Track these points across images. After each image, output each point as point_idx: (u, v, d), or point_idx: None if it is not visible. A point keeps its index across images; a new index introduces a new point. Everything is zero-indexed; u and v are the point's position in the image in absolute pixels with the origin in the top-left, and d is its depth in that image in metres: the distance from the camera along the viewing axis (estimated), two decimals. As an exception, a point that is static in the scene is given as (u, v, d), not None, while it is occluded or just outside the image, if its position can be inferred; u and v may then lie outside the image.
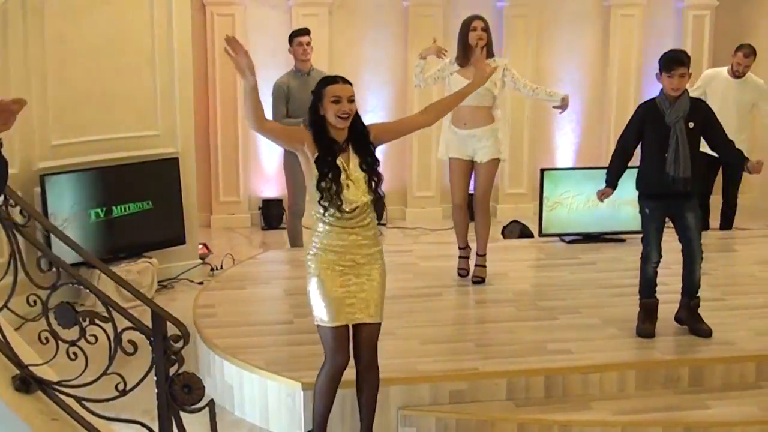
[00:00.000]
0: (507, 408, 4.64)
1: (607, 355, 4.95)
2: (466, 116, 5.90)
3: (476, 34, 5.86)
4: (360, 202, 3.97)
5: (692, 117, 5.08)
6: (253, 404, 4.83)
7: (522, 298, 5.88)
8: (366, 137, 4.06)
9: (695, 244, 5.19)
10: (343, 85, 3.98)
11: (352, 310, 4.03)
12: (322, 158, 3.96)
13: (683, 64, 5.04)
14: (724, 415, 4.59)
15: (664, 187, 5.11)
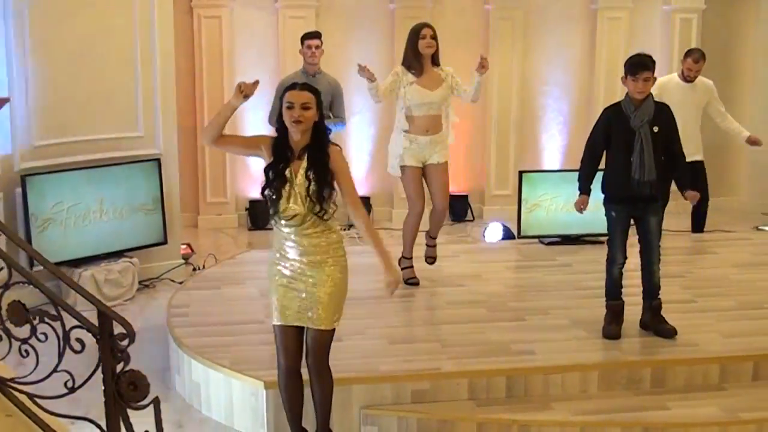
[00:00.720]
0: (468, 408, 4.69)
1: (570, 356, 5.00)
2: (428, 124, 5.99)
3: (425, 41, 5.92)
4: (297, 212, 4.01)
5: (657, 121, 5.12)
6: (219, 402, 4.89)
7: (493, 300, 5.93)
8: (323, 148, 4.07)
9: (654, 247, 5.23)
10: (299, 92, 4.01)
11: (293, 314, 4.10)
12: (273, 165, 4.02)
13: (648, 68, 5.08)
14: (684, 416, 4.63)
15: (629, 190, 5.15)
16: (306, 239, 4.08)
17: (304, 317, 4.12)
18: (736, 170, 10.28)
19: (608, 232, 5.35)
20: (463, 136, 9.64)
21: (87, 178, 6.87)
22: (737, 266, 6.77)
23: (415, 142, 6.01)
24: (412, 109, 5.97)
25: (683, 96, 7.41)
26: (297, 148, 4.04)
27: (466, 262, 6.87)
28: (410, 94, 5.93)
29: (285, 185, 4.01)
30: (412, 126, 5.98)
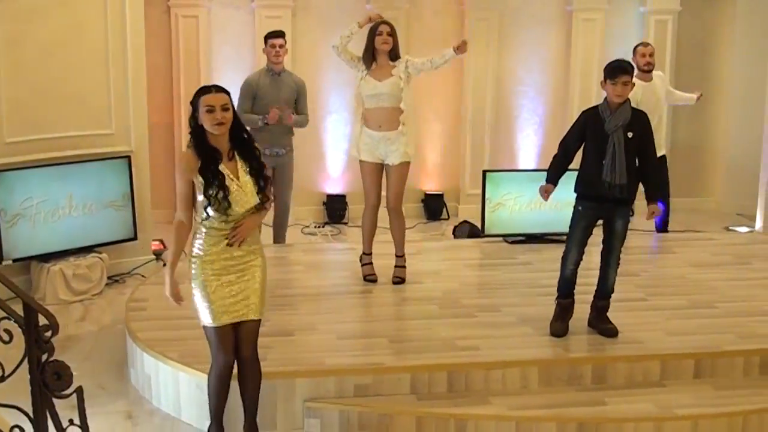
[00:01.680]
0: (408, 402, 4.78)
1: (512, 353, 5.08)
2: (382, 118, 6.05)
3: (382, 38, 6.02)
4: (249, 205, 4.12)
5: (632, 127, 5.17)
6: (168, 395, 5.00)
7: (448, 297, 6.02)
8: (251, 144, 4.19)
9: (615, 251, 5.31)
10: (216, 94, 4.08)
11: (234, 309, 4.19)
12: (205, 166, 4.07)
13: (626, 73, 5.14)
14: (619, 411, 4.72)
15: (599, 191, 5.21)
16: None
17: (244, 310, 4.21)
18: (712, 171, 10.37)
19: (570, 227, 5.39)
20: (438, 135, 9.80)
21: (57, 174, 6.99)
22: (695, 266, 6.85)
23: (369, 137, 6.09)
24: (365, 100, 6.08)
25: (645, 96, 7.48)
26: (223, 149, 4.12)
27: (428, 260, 6.96)
28: (363, 85, 6.05)
29: (225, 181, 4.10)
30: (367, 118, 6.09)
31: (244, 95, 7.15)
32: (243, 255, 4.20)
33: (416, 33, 9.52)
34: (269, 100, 7.12)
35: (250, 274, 4.22)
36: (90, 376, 5.52)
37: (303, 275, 6.59)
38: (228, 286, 4.18)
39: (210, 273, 4.17)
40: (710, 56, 10.09)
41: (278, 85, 7.18)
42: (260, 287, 4.26)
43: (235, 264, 4.19)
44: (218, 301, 4.16)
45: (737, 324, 5.58)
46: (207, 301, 4.17)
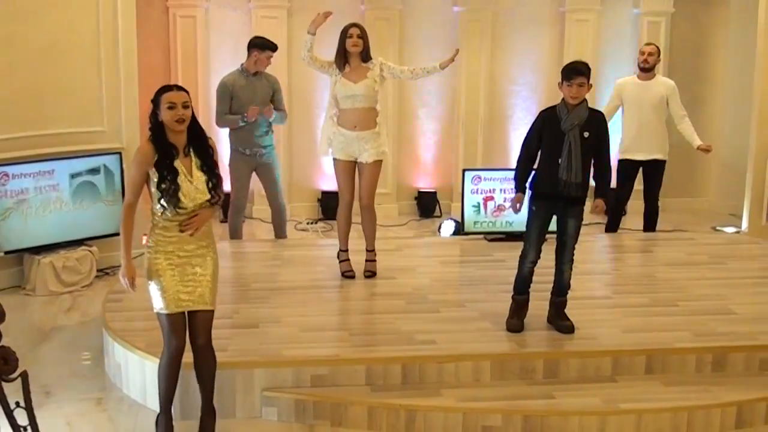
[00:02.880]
0: (362, 392, 4.95)
1: (467, 346, 5.24)
2: (357, 119, 6.22)
3: (352, 40, 6.19)
4: (200, 201, 4.33)
5: (588, 127, 5.31)
6: (135, 382, 5.21)
7: (417, 292, 6.18)
8: (204, 141, 4.40)
9: (568, 249, 5.45)
10: (178, 92, 4.31)
11: (186, 298, 4.40)
12: (161, 161, 4.30)
13: (582, 74, 5.28)
14: (565, 405, 4.86)
15: (554, 189, 5.35)
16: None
17: (196, 301, 4.42)
18: (705, 171, 10.42)
19: (526, 228, 5.55)
20: (432, 134, 9.96)
21: (49, 169, 7.23)
22: (668, 265, 6.96)
23: (343, 135, 6.26)
24: (339, 102, 6.25)
25: (640, 94, 7.64)
26: (179, 145, 4.34)
27: (405, 256, 7.13)
28: (338, 87, 6.22)
29: (178, 177, 4.31)
30: (341, 118, 6.26)
31: (221, 97, 7.38)
32: (195, 248, 4.42)
33: (409, 34, 9.68)
34: (246, 100, 7.33)
35: (201, 267, 4.44)
36: (68, 364, 5.77)
37: (279, 270, 6.78)
38: (180, 276, 4.40)
39: (164, 263, 4.40)
40: (704, 58, 10.15)
41: (254, 86, 7.39)
42: (212, 279, 4.47)
43: (187, 256, 4.41)
44: (171, 289, 4.39)
45: (696, 322, 5.69)
46: (160, 290, 4.40)
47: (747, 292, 6.27)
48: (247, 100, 7.38)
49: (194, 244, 4.41)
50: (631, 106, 7.67)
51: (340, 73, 6.24)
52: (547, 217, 5.43)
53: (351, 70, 6.26)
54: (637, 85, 7.70)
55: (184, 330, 4.46)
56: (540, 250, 5.46)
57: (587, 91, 5.28)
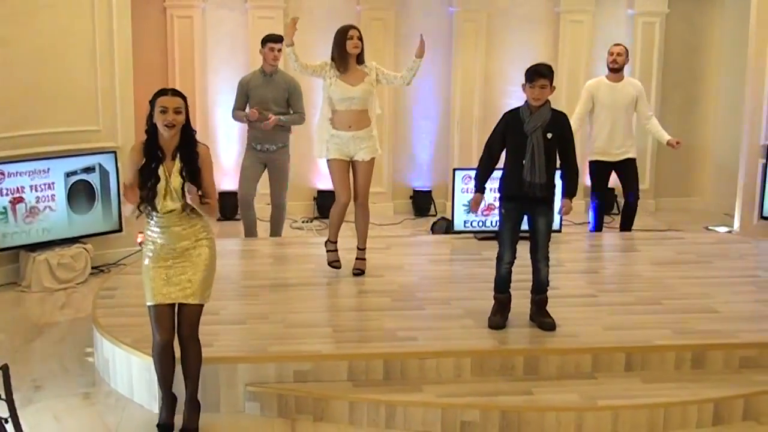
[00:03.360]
0: (344, 388, 5.04)
1: (448, 343, 5.32)
2: (352, 120, 6.30)
3: (353, 42, 6.25)
4: (174, 208, 4.47)
5: (551, 128, 5.41)
6: (122, 377, 5.30)
7: (403, 290, 6.26)
8: (193, 148, 4.50)
9: (542, 247, 5.52)
10: (172, 97, 4.44)
11: (169, 291, 4.51)
12: (146, 166, 4.44)
13: (543, 76, 5.38)
14: (543, 401, 4.93)
15: (520, 190, 5.44)
16: (177, 228, 4.53)
17: (179, 294, 4.52)
18: (700, 171, 10.47)
19: (498, 230, 5.65)
20: (427, 133, 10.03)
21: (45, 168, 7.34)
22: (655, 264, 7.01)
23: (338, 136, 6.34)
24: (335, 104, 6.33)
25: (612, 95, 7.70)
26: (168, 149, 4.46)
27: (395, 254, 7.21)
28: (333, 89, 6.29)
29: (159, 183, 4.43)
30: (336, 120, 6.33)
31: (238, 94, 7.70)
32: (187, 244, 4.56)
33: (405, 34, 9.74)
34: (259, 99, 7.52)
35: (190, 262, 4.55)
36: (58, 359, 5.87)
37: (270, 267, 6.88)
38: (166, 270, 4.53)
39: (152, 257, 4.55)
40: (698, 58, 10.20)
41: (269, 85, 7.54)
42: (202, 275, 4.58)
43: (177, 251, 4.54)
44: (156, 281, 4.53)
45: (677, 320, 5.75)
46: (147, 282, 4.55)
47: (731, 291, 6.33)
48: (259, 98, 7.58)
49: (181, 242, 4.51)
50: (603, 108, 7.72)
51: (336, 75, 6.30)
52: (518, 218, 5.51)
53: (349, 73, 6.32)
54: (608, 86, 7.74)
55: (168, 322, 4.58)
56: (515, 251, 5.53)
57: (549, 93, 5.38)
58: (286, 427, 4.90)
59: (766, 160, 8.55)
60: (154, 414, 4.99)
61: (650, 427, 4.90)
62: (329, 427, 4.90)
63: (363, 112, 6.32)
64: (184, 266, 4.53)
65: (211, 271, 4.63)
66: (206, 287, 4.61)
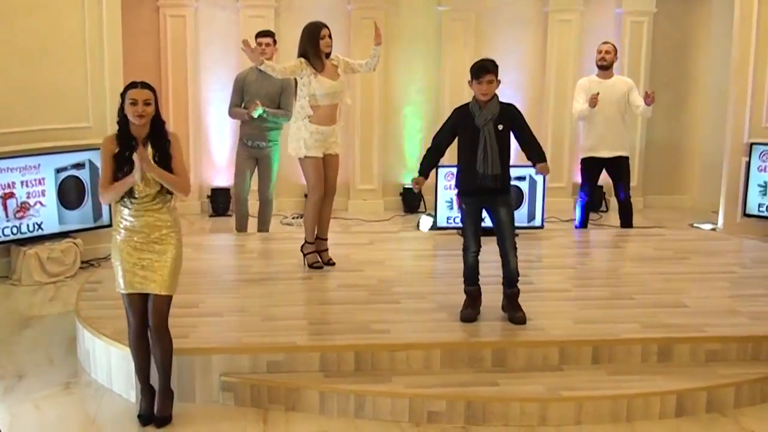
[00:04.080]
0: (316, 378, 5.17)
1: (419, 336, 5.45)
2: (332, 114, 6.46)
3: (325, 41, 6.40)
4: (148, 192, 4.59)
5: (501, 120, 5.55)
6: (102, 367, 5.45)
7: (381, 284, 6.39)
8: (164, 137, 4.66)
9: (507, 237, 5.65)
10: (141, 90, 4.59)
11: (138, 281, 4.67)
12: (121, 153, 4.59)
13: (489, 72, 5.52)
14: (508, 392, 5.05)
15: (476, 183, 5.58)
16: (151, 216, 4.68)
17: (149, 284, 4.67)
18: (689, 169, 10.58)
19: (461, 223, 5.78)
20: (417, 131, 10.16)
21: (36, 164, 7.50)
22: (633, 260, 7.13)
23: (320, 132, 6.49)
24: (318, 99, 6.45)
25: (603, 93, 7.80)
26: (140, 136, 4.60)
27: (377, 249, 7.34)
28: (315, 85, 6.42)
29: (132, 171, 4.57)
30: (316, 115, 6.46)
31: (234, 90, 7.88)
32: (157, 236, 4.69)
33: (395, 32, 9.89)
34: (253, 94, 7.69)
35: (158, 254, 4.70)
36: (43, 350, 6.03)
37: (253, 261, 7.03)
38: (136, 259, 4.69)
39: (123, 245, 4.72)
40: (686, 57, 10.30)
41: (263, 81, 7.67)
42: (170, 266, 4.72)
43: (146, 242, 4.69)
44: (127, 270, 4.70)
45: (647, 314, 5.86)
46: (119, 270, 4.73)
47: (703, 287, 6.44)
48: (254, 94, 7.74)
49: (154, 231, 4.67)
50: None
51: (314, 73, 6.43)
52: (478, 210, 5.66)
53: (326, 69, 6.46)
54: (599, 84, 7.87)
55: (140, 310, 4.75)
56: (479, 241, 5.68)
57: (496, 87, 5.51)
58: (259, 416, 5.03)
59: (749, 159, 8.64)
60: (131, 403, 5.14)
61: (613, 418, 5.01)
62: (300, 417, 5.03)
63: (337, 105, 6.49)
64: (152, 257, 4.68)
65: (178, 263, 4.77)
66: (174, 279, 4.75)
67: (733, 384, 5.23)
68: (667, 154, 10.46)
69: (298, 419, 5.01)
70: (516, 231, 7.40)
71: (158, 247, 4.70)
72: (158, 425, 4.86)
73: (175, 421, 4.91)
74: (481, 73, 5.45)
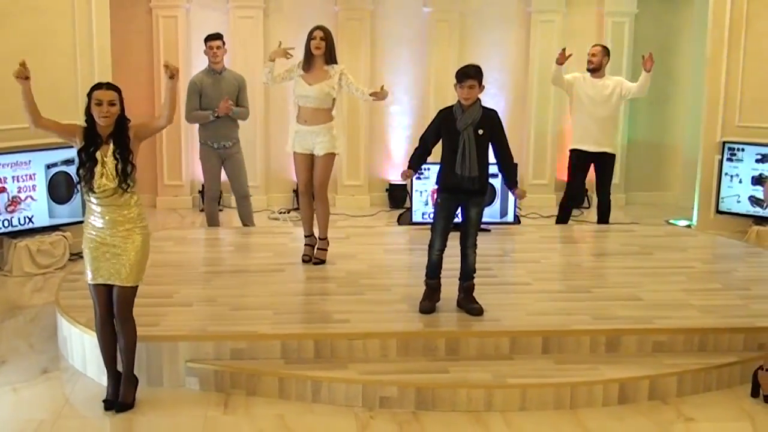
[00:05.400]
0: (276, 365, 5.46)
1: (377, 325, 5.72)
2: (307, 115, 6.73)
3: (315, 42, 6.66)
4: (108, 187, 4.88)
5: (482, 125, 5.80)
6: (77, 354, 5.76)
7: (350, 277, 6.67)
8: (125, 133, 4.95)
9: (470, 235, 5.92)
10: (105, 91, 4.89)
11: (104, 272, 4.96)
12: (85, 149, 4.89)
13: (471, 77, 5.77)
14: (456, 379, 5.31)
15: (454, 183, 5.84)
16: (115, 210, 4.97)
17: (113, 276, 4.97)
18: (671, 166, 10.78)
19: (432, 219, 6.05)
20: (404, 128, 10.42)
21: (27, 160, 7.83)
22: (597, 255, 7.39)
23: (299, 131, 6.80)
24: (297, 99, 6.77)
25: (591, 89, 8.09)
26: (105, 134, 4.90)
27: (353, 243, 7.61)
28: (295, 85, 6.73)
29: (96, 165, 4.88)
30: (298, 115, 6.80)
31: (190, 94, 7.97)
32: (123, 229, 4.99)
33: (381, 33, 10.16)
34: (213, 96, 7.87)
35: (123, 248, 4.98)
36: (25, 337, 6.34)
37: (230, 255, 7.32)
38: (102, 252, 4.98)
39: (89, 238, 5.02)
40: (669, 57, 10.48)
41: (220, 83, 7.91)
42: (135, 260, 5.01)
43: (112, 235, 4.98)
44: (93, 262, 4.99)
45: (599, 307, 6.11)
46: (86, 262, 5.02)
47: (660, 281, 6.67)
48: (214, 96, 7.93)
49: (117, 226, 4.96)
50: (582, 100, 8.12)
51: (300, 74, 6.71)
52: (452, 209, 5.90)
53: (311, 72, 6.72)
54: (588, 80, 8.14)
55: (106, 300, 5.04)
56: (446, 240, 5.92)
57: (479, 93, 5.76)
58: (221, 400, 5.32)
59: (721, 157, 8.85)
60: (103, 387, 5.41)
61: (557, 405, 5.27)
62: (260, 401, 5.31)
63: (320, 110, 6.72)
64: (117, 252, 4.97)
65: (144, 255, 5.06)
66: (139, 270, 5.04)
67: (676, 373, 5.48)
68: (649, 151, 10.68)
69: (258, 403, 5.29)
70: (489, 227, 7.76)
71: (122, 240, 4.98)
72: (118, 410, 5.15)
73: (142, 404, 5.20)
74: (464, 78, 5.71)
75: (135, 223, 5.03)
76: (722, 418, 5.25)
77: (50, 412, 5.19)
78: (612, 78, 8.33)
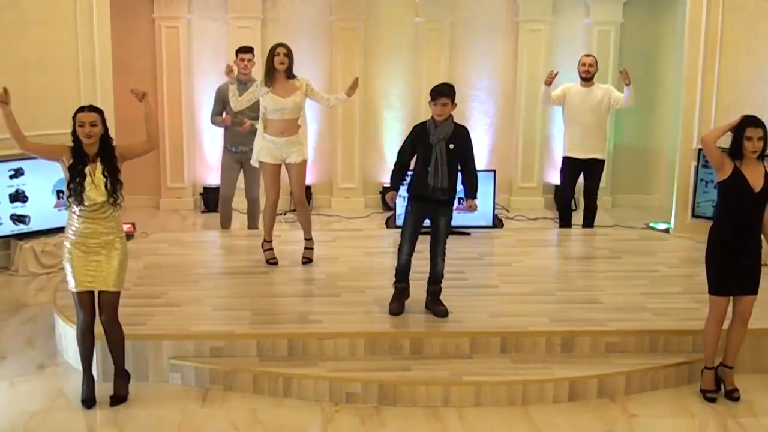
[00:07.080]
0: (251, 362, 5.91)
1: (347, 326, 6.15)
2: (284, 127, 7.15)
3: (279, 59, 7.08)
4: (97, 201, 5.34)
5: (453, 140, 6.20)
6: (71, 350, 6.21)
7: (329, 279, 7.10)
8: (111, 152, 5.41)
9: (439, 242, 6.32)
10: (87, 113, 5.35)
11: (89, 279, 5.41)
12: (74, 166, 5.34)
13: (444, 95, 6.17)
14: (417, 376, 5.74)
15: (425, 192, 6.25)
16: (99, 222, 5.42)
17: (100, 283, 5.42)
18: (657, 170, 11.10)
19: (402, 224, 6.47)
20: (396, 134, 10.82)
21: (32, 166, 8.31)
22: (567, 258, 7.77)
23: (273, 142, 7.21)
24: (268, 114, 7.19)
25: (582, 99, 8.48)
26: (91, 153, 5.36)
27: (337, 246, 8.04)
28: (266, 101, 7.14)
29: (85, 181, 5.34)
30: (269, 128, 7.19)
31: (215, 101, 8.61)
32: (104, 239, 5.44)
33: (374, 42, 10.57)
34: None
35: (106, 255, 5.43)
36: (24, 334, 6.84)
37: (219, 257, 7.78)
38: (86, 260, 5.42)
39: (73, 248, 5.45)
40: (654, 64, 10.81)
41: (242, 94, 8.35)
42: (117, 265, 5.46)
43: (94, 245, 5.42)
44: (78, 270, 5.42)
45: (559, 309, 6.50)
46: (70, 270, 5.44)
47: (622, 284, 7.04)
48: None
49: (101, 237, 5.41)
50: (573, 109, 8.50)
51: (268, 89, 7.14)
52: (421, 216, 6.31)
53: (279, 86, 7.15)
54: (579, 90, 8.53)
55: (90, 306, 5.48)
56: (414, 244, 6.34)
57: (451, 110, 6.15)
58: (200, 395, 5.78)
59: (697, 164, 9.18)
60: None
61: (510, 401, 5.68)
62: (235, 396, 5.77)
63: (293, 120, 7.16)
64: (100, 259, 5.42)
65: (123, 263, 5.51)
66: (121, 277, 5.50)
67: (624, 373, 5.87)
68: (635, 155, 11.02)
69: (233, 398, 5.74)
70: (468, 230, 8.16)
71: (105, 250, 5.43)
72: (114, 403, 5.61)
73: (128, 398, 5.67)
74: (437, 96, 6.12)
75: (115, 234, 5.49)
76: (665, 414, 5.64)
77: (44, 405, 5.66)
78: (601, 86, 8.69)
